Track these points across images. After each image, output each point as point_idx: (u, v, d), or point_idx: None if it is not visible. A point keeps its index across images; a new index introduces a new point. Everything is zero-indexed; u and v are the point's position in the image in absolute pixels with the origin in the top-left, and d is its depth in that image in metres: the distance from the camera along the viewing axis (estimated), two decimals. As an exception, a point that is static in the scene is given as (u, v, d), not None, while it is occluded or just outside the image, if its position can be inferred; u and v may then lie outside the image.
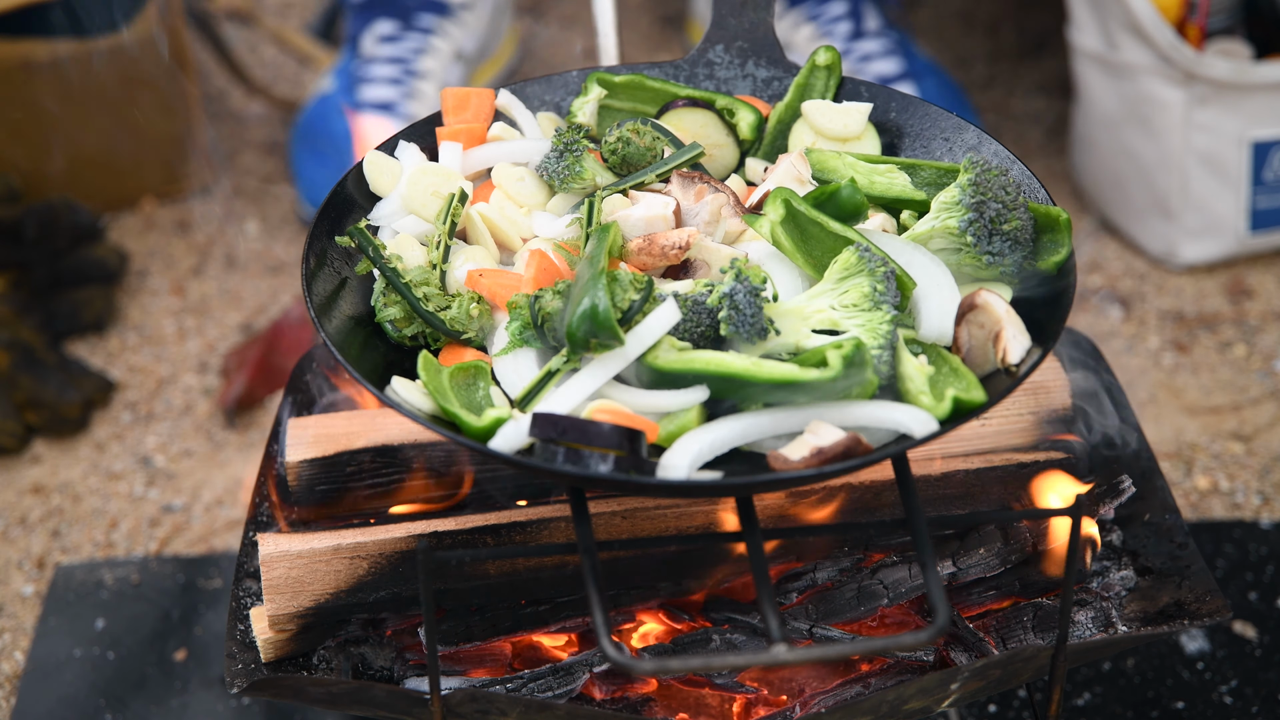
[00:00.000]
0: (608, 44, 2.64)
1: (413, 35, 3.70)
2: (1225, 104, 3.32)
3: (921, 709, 2.26)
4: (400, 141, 2.33)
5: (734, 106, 2.36)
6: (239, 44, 4.12)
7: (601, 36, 2.63)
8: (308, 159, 3.62)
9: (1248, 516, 2.98)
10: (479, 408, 2.04)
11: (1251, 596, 2.82)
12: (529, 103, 2.41)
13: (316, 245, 2.19)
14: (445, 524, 2.25)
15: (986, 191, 2.10)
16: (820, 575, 2.30)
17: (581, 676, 2.23)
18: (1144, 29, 3.29)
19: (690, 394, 2.00)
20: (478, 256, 2.19)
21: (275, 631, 2.25)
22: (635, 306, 2.02)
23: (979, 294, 2.05)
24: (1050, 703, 2.15)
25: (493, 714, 2.14)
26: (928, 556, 1.92)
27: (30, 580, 2.94)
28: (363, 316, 2.18)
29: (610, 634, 1.86)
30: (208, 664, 2.76)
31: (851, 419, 1.99)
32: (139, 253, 3.59)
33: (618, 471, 1.91)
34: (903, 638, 1.93)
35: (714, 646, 2.25)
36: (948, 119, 2.34)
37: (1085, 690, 2.68)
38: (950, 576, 2.29)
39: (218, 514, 3.05)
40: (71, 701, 2.72)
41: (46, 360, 3.22)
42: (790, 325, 2.04)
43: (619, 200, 2.22)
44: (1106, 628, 2.28)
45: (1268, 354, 3.30)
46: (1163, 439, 3.12)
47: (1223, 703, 2.67)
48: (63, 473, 3.13)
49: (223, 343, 3.39)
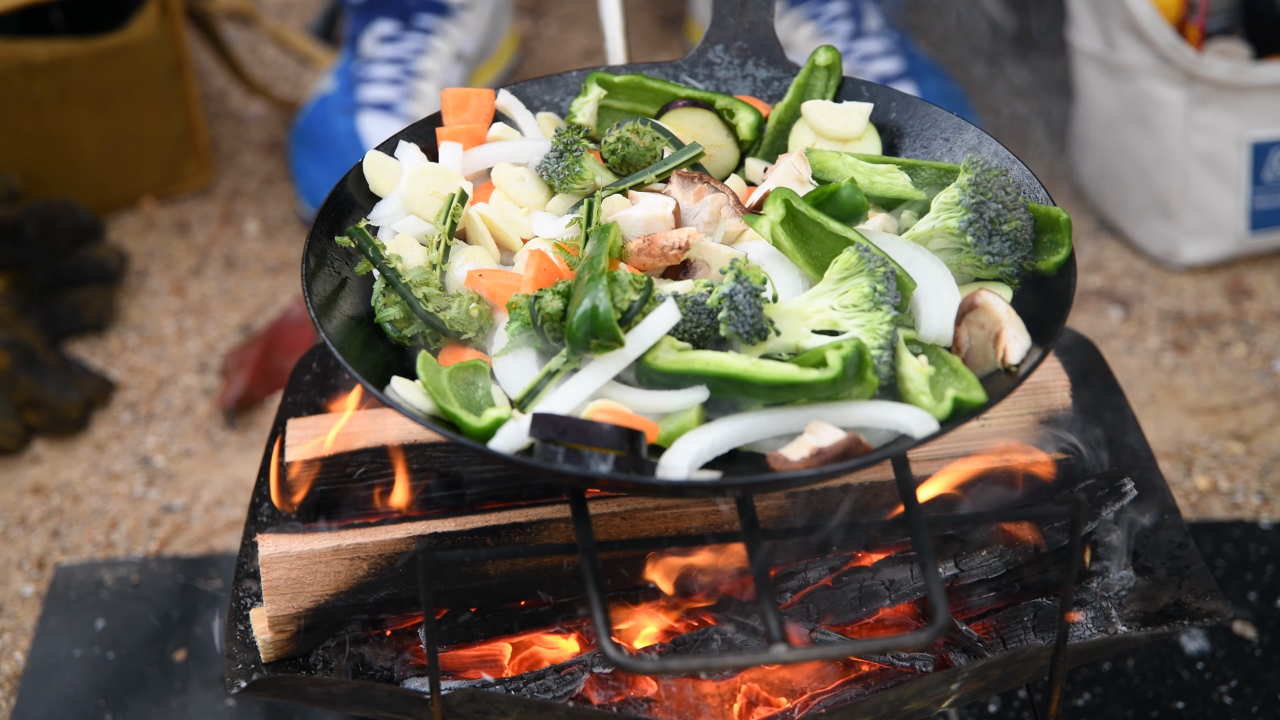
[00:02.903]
0: (615, 46, 2.64)
1: (413, 35, 3.70)
2: (1225, 104, 3.33)
3: (921, 709, 2.26)
4: (400, 142, 2.33)
5: (734, 107, 2.36)
6: (239, 44, 4.12)
7: (609, 40, 2.63)
8: (308, 159, 3.62)
9: (1248, 516, 2.98)
10: (479, 408, 2.04)
11: (1251, 596, 2.82)
12: (529, 103, 2.41)
13: (316, 245, 2.19)
14: (445, 524, 2.25)
15: (986, 191, 2.10)
16: (812, 575, 2.30)
17: (582, 677, 2.23)
18: (1144, 29, 3.29)
19: (690, 394, 2.00)
20: (478, 256, 2.19)
21: (275, 632, 2.25)
22: (635, 307, 2.02)
23: (979, 294, 2.05)
24: (1050, 703, 2.15)
25: (493, 714, 2.14)
26: (927, 556, 1.92)
27: (30, 580, 2.94)
28: (363, 316, 2.18)
29: (610, 634, 1.86)
30: (208, 664, 2.76)
31: (851, 419, 1.99)
32: (139, 253, 3.59)
33: (618, 471, 1.91)
34: (903, 638, 1.93)
35: (714, 646, 2.25)
36: (948, 119, 2.34)
37: (1085, 690, 2.68)
38: (952, 577, 2.29)
39: (218, 514, 3.04)
40: (71, 701, 2.72)
41: (46, 360, 3.22)
42: (790, 325, 2.04)
43: (619, 200, 2.22)
44: (1106, 628, 2.28)
45: (1268, 354, 3.31)
46: (1163, 439, 3.12)
47: (1223, 703, 2.67)
48: (63, 473, 3.13)
49: (223, 343, 3.39)
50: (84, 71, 3.48)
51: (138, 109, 3.58)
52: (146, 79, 3.56)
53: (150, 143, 3.64)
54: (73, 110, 3.52)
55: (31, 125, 3.50)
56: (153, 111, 3.61)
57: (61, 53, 3.46)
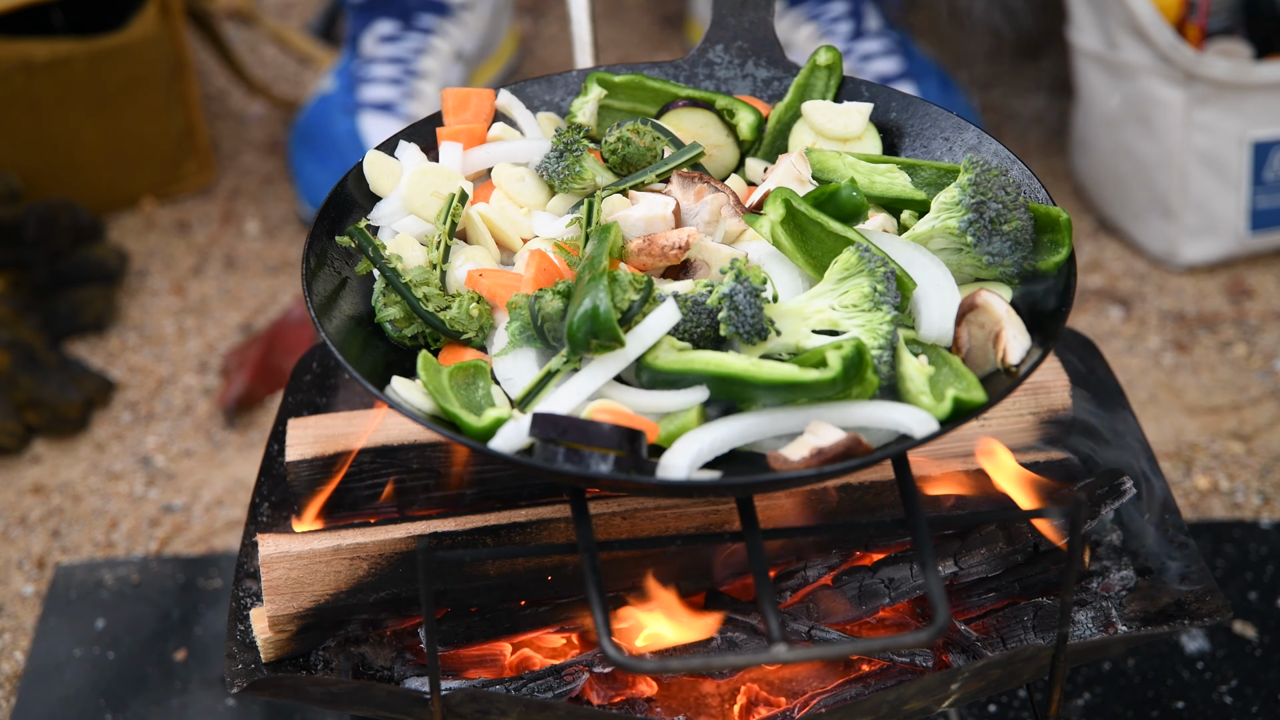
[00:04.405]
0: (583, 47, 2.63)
1: (413, 35, 3.70)
2: (1225, 104, 3.32)
3: (922, 709, 2.26)
4: (400, 141, 2.33)
5: (734, 106, 2.36)
6: (239, 44, 4.12)
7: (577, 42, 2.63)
8: (308, 159, 3.62)
9: (1248, 516, 2.98)
10: (479, 408, 2.04)
11: (1251, 596, 2.82)
12: (529, 103, 2.41)
13: (316, 245, 2.19)
14: (445, 524, 2.25)
15: (986, 191, 2.10)
16: (811, 574, 2.30)
17: (581, 677, 2.23)
18: (1144, 29, 3.29)
19: (690, 394, 2.00)
20: (478, 256, 2.19)
21: (275, 632, 2.25)
22: (635, 307, 2.02)
23: (979, 294, 2.05)
24: (1050, 703, 2.14)
25: (493, 714, 2.14)
26: (928, 556, 1.92)
27: (30, 580, 2.94)
28: (363, 316, 2.18)
29: (610, 634, 1.86)
30: (208, 664, 2.76)
31: (851, 419, 1.99)
32: (139, 253, 3.59)
33: (618, 471, 1.91)
34: (903, 638, 1.93)
35: (714, 646, 2.25)
36: (948, 119, 2.34)
37: (1085, 690, 2.68)
38: (951, 576, 2.29)
39: (218, 514, 3.04)
40: (71, 701, 2.71)
41: (46, 360, 3.22)
42: (790, 325, 2.04)
43: (619, 200, 2.22)
44: (1106, 628, 2.28)
45: (1268, 354, 3.30)
46: (1163, 439, 3.12)
47: (1223, 703, 2.67)
48: (63, 473, 3.13)
49: (223, 343, 3.39)
50: (84, 71, 3.48)
51: (138, 109, 3.58)
52: (146, 79, 3.56)
53: (150, 143, 3.64)
54: (73, 110, 3.52)
55: (31, 125, 3.50)
56: (153, 111, 3.61)
57: (61, 53, 3.46)
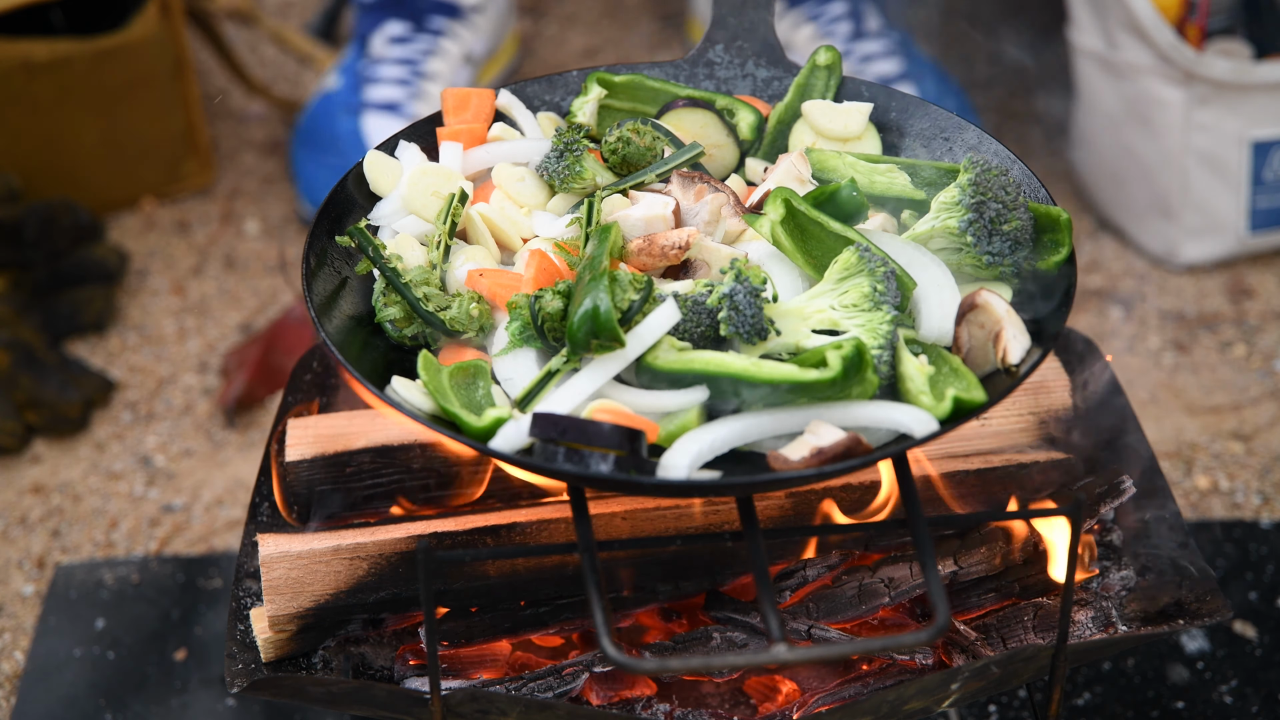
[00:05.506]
0: None
1: (423, 37, 3.70)
2: (1225, 104, 3.32)
3: (921, 709, 2.26)
4: (401, 141, 2.33)
5: (734, 106, 2.36)
6: (239, 44, 4.12)
7: None
8: (309, 158, 3.62)
9: (1248, 516, 2.98)
10: (479, 407, 2.04)
11: (1251, 596, 2.82)
12: (529, 103, 2.41)
13: (316, 245, 2.19)
14: (445, 524, 2.25)
15: (986, 191, 2.10)
16: (810, 573, 2.30)
17: (582, 677, 2.23)
18: (1144, 29, 3.29)
19: (690, 394, 2.00)
20: (478, 256, 2.19)
21: (275, 632, 2.25)
22: (635, 307, 2.02)
23: (979, 294, 2.05)
24: (1050, 703, 2.14)
25: (493, 714, 2.14)
26: (928, 556, 1.92)
27: (30, 580, 2.94)
28: (363, 316, 2.18)
29: (610, 634, 1.86)
30: (208, 664, 2.76)
31: (851, 419, 1.99)
32: (139, 253, 3.59)
33: (618, 471, 1.91)
34: (903, 638, 1.93)
35: (714, 646, 2.25)
36: (948, 119, 2.34)
37: (1085, 690, 2.68)
38: (951, 576, 2.29)
39: (218, 514, 3.04)
40: (71, 701, 2.71)
41: (46, 360, 3.22)
42: (790, 325, 2.04)
43: (619, 200, 2.22)
44: (1106, 628, 2.28)
45: (1268, 354, 3.30)
46: (1163, 439, 3.12)
47: (1223, 703, 2.66)
48: (63, 473, 3.13)
49: (223, 343, 3.39)
50: (84, 71, 3.48)
51: (138, 109, 3.58)
52: (146, 79, 3.56)
53: (150, 143, 3.64)
54: (73, 110, 3.52)
55: (31, 125, 3.50)
56: (153, 111, 3.61)
57: (61, 53, 3.46)
